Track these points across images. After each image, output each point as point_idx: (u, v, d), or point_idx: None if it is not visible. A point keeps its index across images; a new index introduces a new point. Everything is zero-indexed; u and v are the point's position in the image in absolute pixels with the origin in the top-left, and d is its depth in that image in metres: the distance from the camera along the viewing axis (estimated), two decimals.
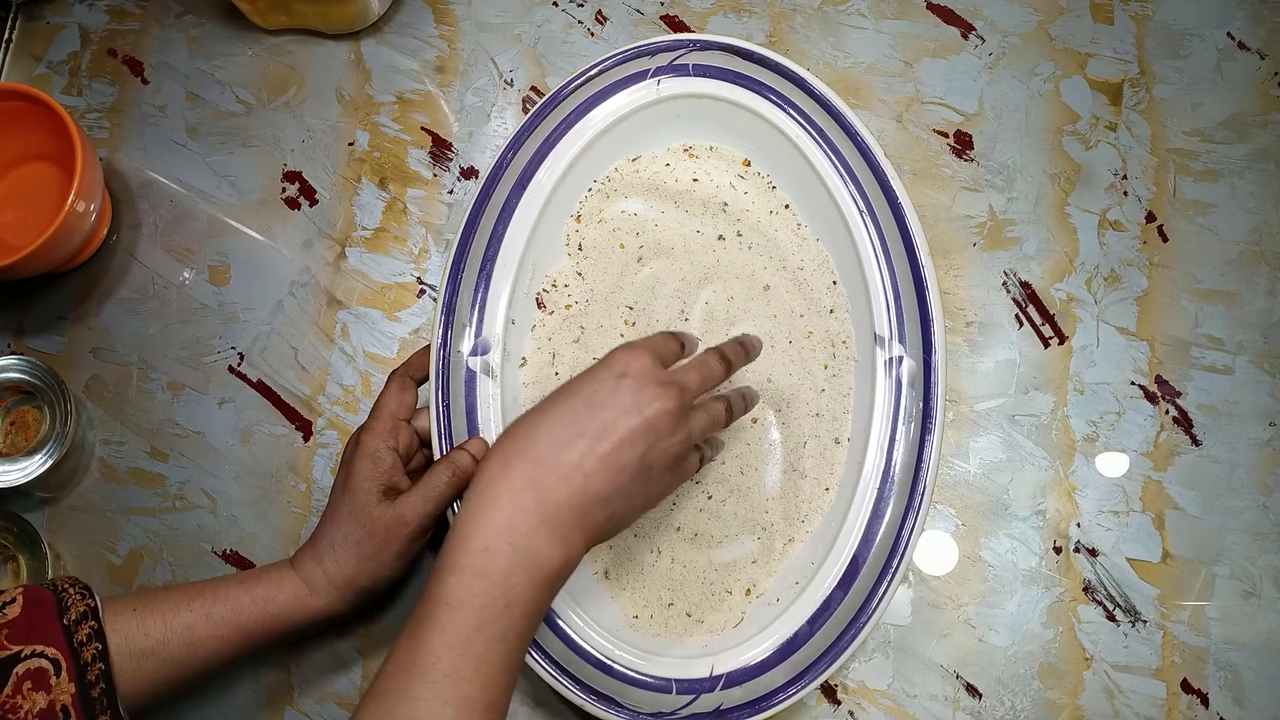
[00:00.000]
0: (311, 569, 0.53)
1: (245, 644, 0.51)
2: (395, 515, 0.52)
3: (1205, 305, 0.65)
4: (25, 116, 0.62)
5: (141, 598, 0.50)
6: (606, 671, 0.57)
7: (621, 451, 0.45)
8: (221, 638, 0.50)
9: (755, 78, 0.63)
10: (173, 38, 0.70)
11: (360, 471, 0.53)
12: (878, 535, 0.58)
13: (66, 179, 0.60)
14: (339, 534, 0.53)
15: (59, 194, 0.64)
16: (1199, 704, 0.60)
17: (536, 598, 0.44)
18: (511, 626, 0.43)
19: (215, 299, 0.66)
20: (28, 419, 0.63)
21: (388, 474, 0.53)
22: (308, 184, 0.68)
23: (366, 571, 0.52)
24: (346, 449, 0.55)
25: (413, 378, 0.57)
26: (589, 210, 0.64)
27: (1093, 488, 0.63)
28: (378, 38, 0.69)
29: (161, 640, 0.49)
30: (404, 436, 0.55)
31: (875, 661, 0.61)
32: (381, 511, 0.52)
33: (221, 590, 0.51)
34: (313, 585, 0.53)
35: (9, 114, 0.63)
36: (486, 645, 0.42)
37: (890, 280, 0.60)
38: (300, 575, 0.53)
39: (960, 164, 0.67)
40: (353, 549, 0.52)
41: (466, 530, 0.44)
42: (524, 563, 0.43)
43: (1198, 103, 0.67)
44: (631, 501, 0.47)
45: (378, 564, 0.52)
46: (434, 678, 0.41)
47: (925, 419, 0.58)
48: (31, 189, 0.66)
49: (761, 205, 0.64)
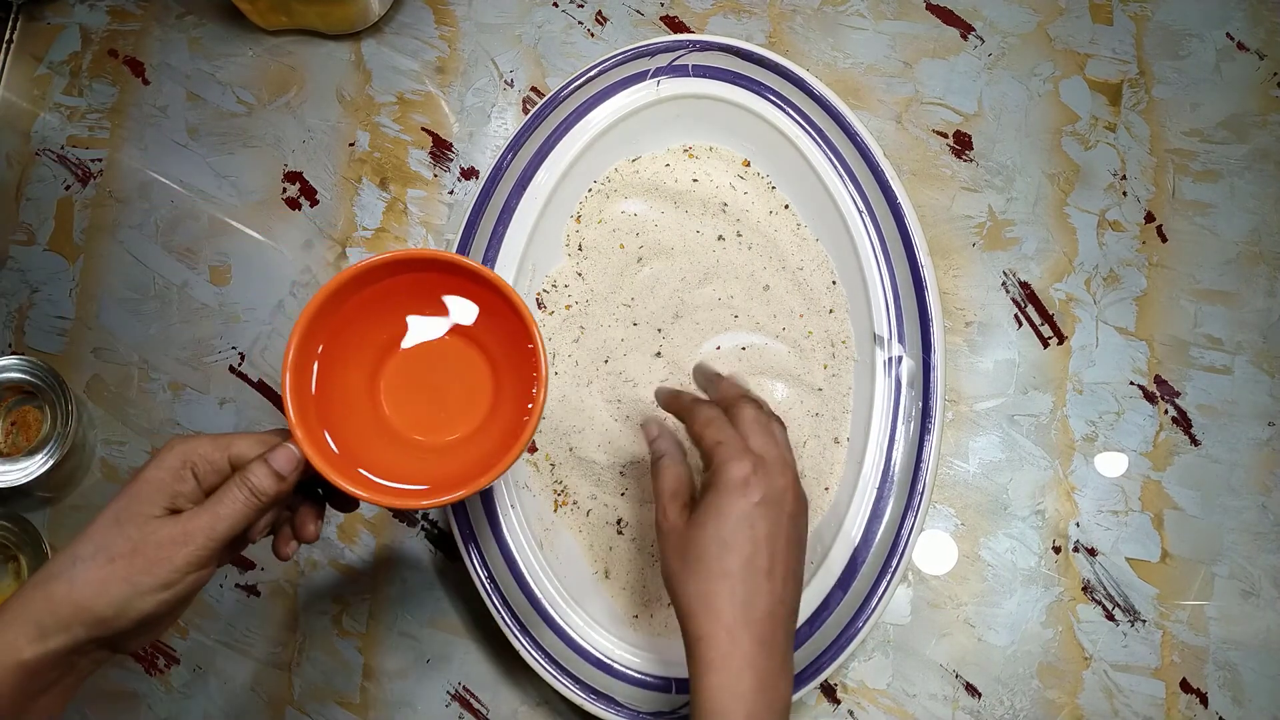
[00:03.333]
0: (28, 602, 0.40)
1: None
2: (177, 530, 0.42)
3: (1204, 305, 0.65)
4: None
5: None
6: (606, 671, 0.57)
7: (791, 554, 0.47)
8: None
9: (755, 78, 0.63)
10: (173, 38, 0.70)
11: (151, 479, 0.43)
12: (877, 535, 0.58)
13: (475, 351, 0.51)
14: (90, 547, 0.41)
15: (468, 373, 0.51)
16: (1198, 703, 0.60)
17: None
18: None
19: (216, 299, 0.66)
20: (29, 419, 0.63)
21: (183, 493, 0.43)
22: (308, 184, 0.68)
23: (112, 597, 0.40)
24: (148, 460, 0.45)
25: (279, 474, 0.44)
26: (589, 210, 0.64)
27: (1092, 487, 0.63)
28: (378, 38, 0.69)
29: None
30: (215, 478, 0.44)
31: (875, 661, 0.61)
32: (159, 525, 0.42)
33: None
34: (23, 624, 0.40)
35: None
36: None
37: (890, 280, 0.61)
38: (4, 615, 0.40)
39: (960, 164, 0.67)
40: (103, 566, 0.40)
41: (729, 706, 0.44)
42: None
43: (1197, 103, 0.67)
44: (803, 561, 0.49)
45: (131, 589, 0.40)
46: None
47: (924, 419, 0.59)
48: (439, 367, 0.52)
49: (761, 205, 0.64)
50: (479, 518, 0.59)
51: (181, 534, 0.42)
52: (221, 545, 0.43)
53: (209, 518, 0.42)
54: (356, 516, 0.63)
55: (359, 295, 0.48)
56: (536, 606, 0.58)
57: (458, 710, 0.61)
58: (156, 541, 0.41)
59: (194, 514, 0.42)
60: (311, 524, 0.47)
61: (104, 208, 0.68)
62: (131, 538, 0.41)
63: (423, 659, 0.61)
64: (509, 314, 0.47)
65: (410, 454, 0.49)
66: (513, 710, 0.61)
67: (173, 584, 0.41)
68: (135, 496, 0.42)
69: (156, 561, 0.41)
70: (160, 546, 0.41)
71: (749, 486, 0.46)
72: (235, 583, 0.63)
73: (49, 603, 0.40)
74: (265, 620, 0.62)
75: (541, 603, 0.58)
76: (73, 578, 0.40)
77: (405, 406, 0.50)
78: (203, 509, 0.43)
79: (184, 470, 0.43)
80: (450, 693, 0.61)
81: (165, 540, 0.41)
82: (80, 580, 0.40)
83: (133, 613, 0.41)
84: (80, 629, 0.40)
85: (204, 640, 0.62)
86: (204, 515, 0.42)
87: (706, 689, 0.43)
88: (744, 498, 0.46)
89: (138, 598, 0.41)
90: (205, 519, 0.42)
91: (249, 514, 0.43)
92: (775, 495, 0.46)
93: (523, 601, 0.58)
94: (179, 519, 0.42)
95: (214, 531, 0.42)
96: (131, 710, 0.61)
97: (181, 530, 0.42)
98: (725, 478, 0.46)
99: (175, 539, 0.41)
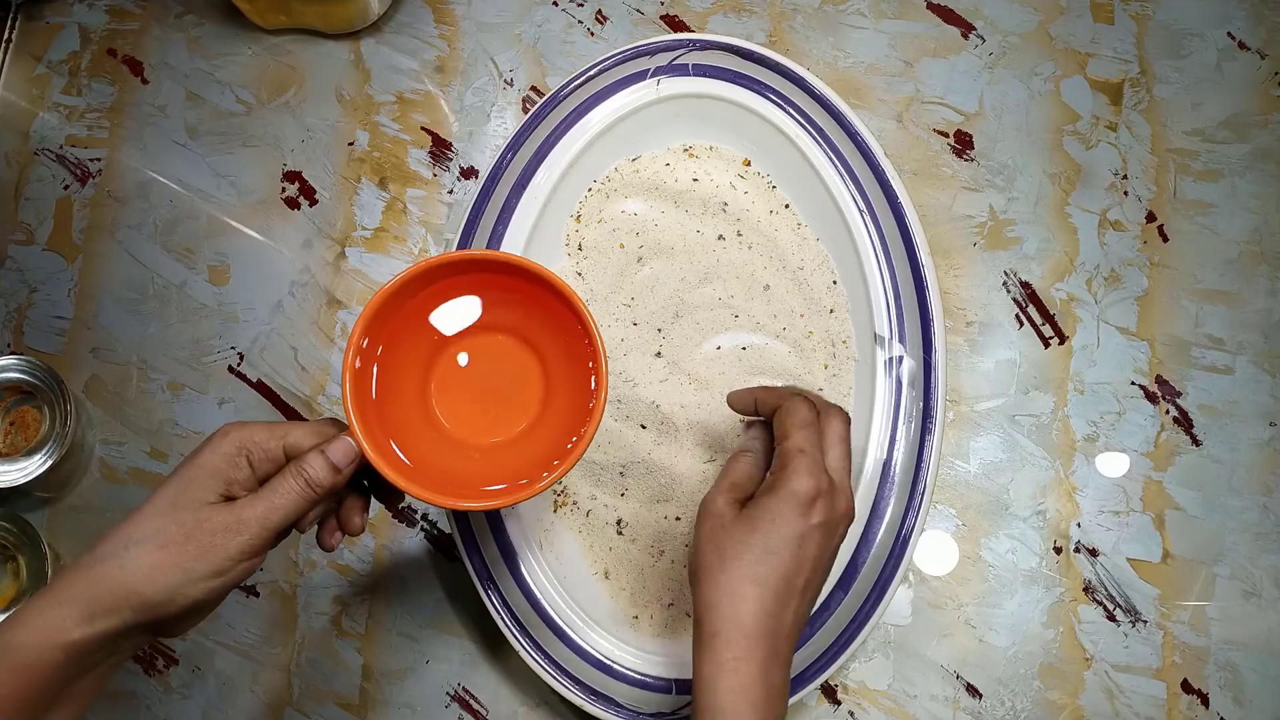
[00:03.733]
0: (77, 583, 0.40)
1: (20, 716, 0.39)
2: (232, 519, 0.42)
3: (1205, 305, 0.65)
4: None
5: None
6: (606, 671, 0.57)
7: (825, 576, 0.47)
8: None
9: (755, 77, 0.63)
10: (173, 37, 0.70)
11: (206, 465, 0.43)
12: (878, 535, 0.58)
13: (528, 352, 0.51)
14: (143, 530, 0.41)
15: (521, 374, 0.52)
16: (1199, 704, 0.60)
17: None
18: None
19: (215, 299, 0.66)
20: (28, 419, 0.63)
21: (238, 480, 0.43)
22: (308, 184, 0.68)
23: (164, 583, 0.40)
24: (202, 443, 0.45)
25: (335, 466, 0.44)
26: (589, 210, 0.64)
27: (1093, 488, 0.63)
28: (378, 37, 0.69)
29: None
30: (270, 466, 0.45)
31: (875, 661, 0.61)
32: (213, 512, 0.42)
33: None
34: (72, 605, 0.39)
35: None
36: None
37: (890, 280, 0.60)
38: (53, 596, 0.40)
39: (960, 164, 0.67)
40: (156, 551, 0.40)
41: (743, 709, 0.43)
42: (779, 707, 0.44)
43: (1198, 102, 0.67)
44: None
45: (184, 576, 0.40)
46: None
47: (925, 419, 0.58)
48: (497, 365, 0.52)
49: (761, 205, 0.64)
50: (479, 518, 0.59)
51: (237, 522, 0.42)
52: (274, 535, 0.43)
53: (264, 507, 0.42)
54: None
55: (416, 296, 0.48)
56: (536, 607, 0.58)
57: (457, 711, 0.61)
58: (211, 528, 0.41)
59: (249, 502, 0.42)
60: (357, 516, 0.47)
61: (103, 207, 0.68)
62: (186, 524, 0.41)
63: (422, 659, 0.61)
64: (563, 311, 0.47)
65: (460, 453, 0.50)
66: (512, 711, 0.61)
67: (225, 571, 0.42)
68: (190, 482, 0.42)
69: (210, 548, 0.41)
70: (215, 534, 0.41)
71: (814, 507, 0.45)
72: None
73: (99, 585, 0.40)
74: (264, 621, 0.62)
75: (541, 603, 0.58)
76: (124, 561, 0.40)
77: (455, 407, 0.51)
78: (258, 498, 0.43)
79: (239, 457, 0.43)
80: (450, 693, 0.61)
81: (220, 527, 0.41)
82: (132, 564, 0.40)
83: (183, 599, 0.41)
84: (129, 613, 0.40)
85: (203, 640, 0.62)
86: (259, 504, 0.42)
87: (721, 691, 0.43)
88: (804, 517, 0.45)
89: (189, 584, 0.41)
90: (260, 508, 0.42)
91: (303, 505, 0.43)
92: (834, 521, 0.46)
93: (522, 602, 0.58)
94: (234, 507, 0.42)
95: (268, 521, 0.42)
96: (130, 710, 0.61)
97: (236, 518, 0.42)
98: (794, 488, 0.45)
99: (230, 527, 0.41)
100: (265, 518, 0.42)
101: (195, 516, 0.41)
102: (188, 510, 0.41)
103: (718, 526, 0.46)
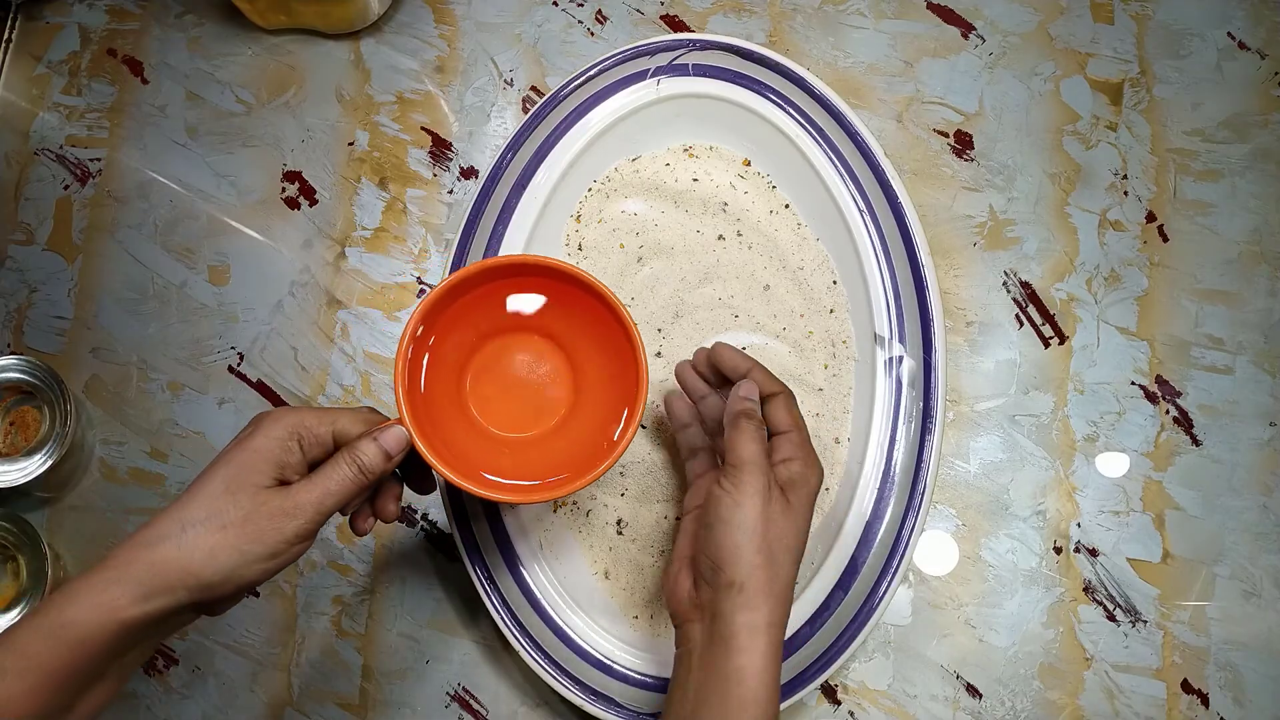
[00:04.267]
0: (133, 561, 0.41)
1: (66, 691, 0.40)
2: (289, 503, 0.43)
3: (1205, 305, 0.65)
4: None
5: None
6: (606, 672, 0.57)
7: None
8: (28, 691, 0.38)
9: (755, 77, 0.63)
10: (173, 37, 0.70)
11: (260, 449, 0.43)
12: (878, 535, 0.58)
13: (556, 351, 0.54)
14: (200, 513, 0.42)
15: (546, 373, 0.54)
16: (1199, 704, 0.60)
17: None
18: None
19: (215, 299, 0.66)
20: (27, 419, 0.63)
21: (290, 465, 0.44)
22: (307, 184, 0.67)
23: (221, 564, 0.41)
24: (254, 418, 0.46)
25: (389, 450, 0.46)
26: (589, 210, 0.64)
27: (1093, 488, 0.63)
28: (377, 37, 0.69)
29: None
30: (319, 451, 0.46)
31: (875, 661, 0.61)
32: (270, 496, 0.43)
33: (8, 637, 0.39)
34: (128, 583, 0.40)
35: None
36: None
37: (890, 280, 0.60)
38: (108, 574, 0.40)
39: (960, 164, 0.67)
40: (214, 533, 0.41)
41: (766, 668, 0.45)
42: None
43: (1198, 102, 0.67)
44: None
45: (240, 558, 0.42)
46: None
47: (925, 419, 0.59)
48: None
49: (761, 205, 0.64)
50: (478, 518, 0.59)
51: (294, 506, 0.43)
52: (326, 518, 0.44)
53: (319, 492, 0.44)
54: None
55: (464, 297, 0.51)
56: (536, 607, 0.58)
57: (457, 711, 0.61)
58: (268, 512, 0.42)
59: (303, 487, 0.44)
60: (392, 503, 0.49)
61: (103, 207, 0.68)
62: (244, 507, 0.42)
63: (422, 659, 0.61)
64: (602, 313, 0.50)
65: (493, 448, 0.52)
66: (512, 711, 0.61)
67: (279, 554, 0.43)
68: (244, 466, 0.43)
69: (268, 531, 0.42)
70: (272, 517, 0.42)
71: (810, 486, 0.49)
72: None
73: (155, 565, 0.41)
74: (264, 621, 0.62)
75: (541, 603, 0.58)
76: (182, 543, 0.41)
77: (487, 403, 0.53)
78: (312, 483, 0.44)
79: (291, 441, 0.44)
80: (449, 693, 0.61)
81: (277, 511, 0.42)
82: (190, 546, 0.41)
83: (238, 579, 0.42)
84: (184, 592, 0.41)
85: (203, 641, 0.62)
86: (314, 489, 0.44)
87: (743, 672, 0.45)
88: (805, 499, 0.49)
89: (245, 566, 0.42)
90: (316, 493, 0.44)
91: (355, 490, 0.45)
92: (816, 494, 0.50)
93: (522, 602, 0.58)
94: (289, 491, 0.43)
95: (323, 505, 0.44)
96: (130, 710, 0.61)
97: (294, 503, 0.43)
98: (798, 474, 0.49)
99: (287, 511, 0.43)
100: (320, 502, 0.43)
101: (252, 500, 0.42)
102: (244, 494, 0.42)
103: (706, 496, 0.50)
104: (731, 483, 0.48)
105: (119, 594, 0.40)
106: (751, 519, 0.46)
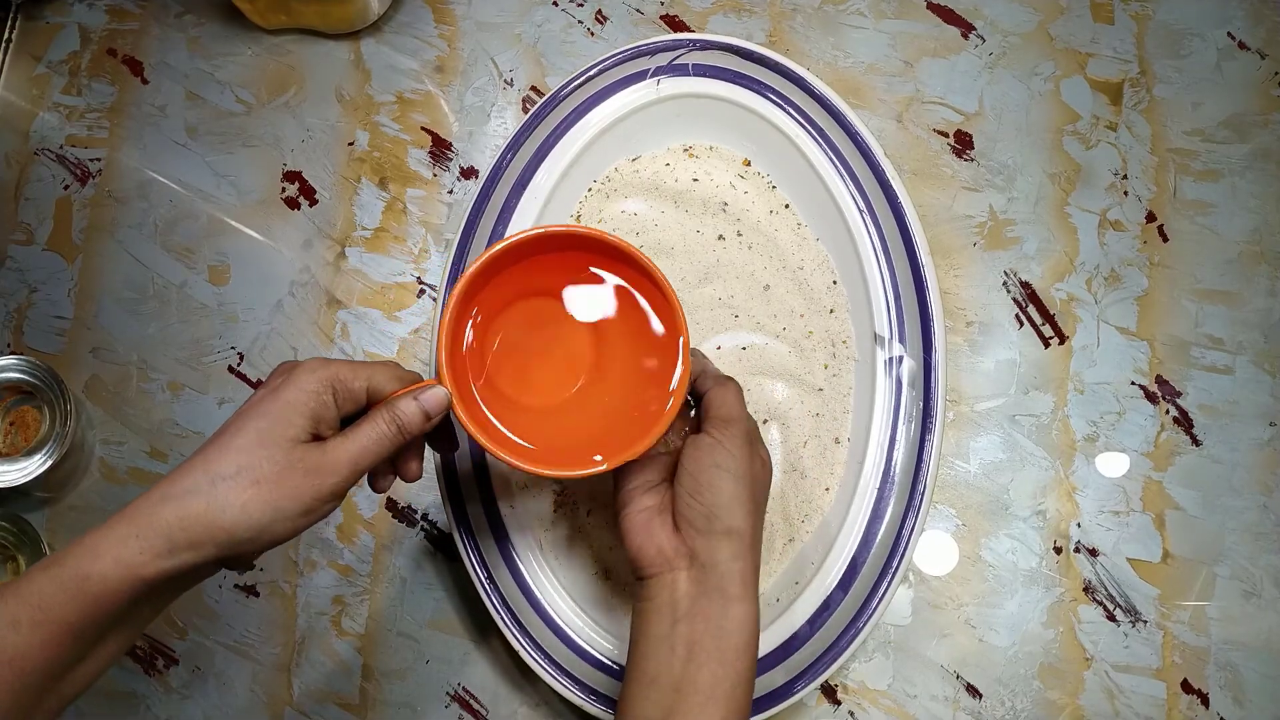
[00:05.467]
0: (159, 515, 0.39)
1: (82, 643, 0.39)
2: (326, 459, 0.41)
3: (1205, 305, 0.65)
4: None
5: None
6: (607, 672, 0.57)
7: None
8: (44, 642, 0.37)
9: (755, 77, 0.63)
10: (173, 37, 0.70)
11: (293, 401, 0.41)
12: (878, 535, 0.58)
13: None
14: (231, 466, 0.39)
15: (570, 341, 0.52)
16: (1199, 704, 0.60)
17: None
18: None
19: (215, 299, 0.66)
20: (27, 419, 0.63)
21: (325, 418, 0.42)
22: (307, 184, 0.68)
23: (254, 520, 0.39)
24: (281, 368, 0.44)
25: (430, 410, 0.45)
26: (589, 210, 0.64)
27: (1093, 488, 0.63)
28: (378, 37, 0.69)
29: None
30: (351, 405, 0.44)
31: (875, 661, 0.61)
32: (305, 451, 0.41)
33: (25, 587, 0.38)
34: (152, 538, 0.38)
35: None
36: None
37: (890, 280, 0.60)
38: (131, 527, 0.39)
39: (960, 164, 0.67)
40: (247, 488, 0.39)
41: (756, 617, 0.45)
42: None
43: (1198, 102, 0.67)
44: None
45: (274, 514, 0.40)
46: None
47: (925, 419, 0.59)
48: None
49: (761, 205, 0.64)
50: (478, 518, 0.59)
51: (331, 463, 0.41)
52: (360, 476, 0.43)
53: (356, 449, 0.42)
54: (356, 516, 0.63)
55: (510, 269, 0.49)
56: (536, 607, 0.58)
57: (457, 711, 0.61)
58: (305, 468, 0.40)
59: (340, 443, 0.42)
60: (415, 462, 0.47)
61: (103, 207, 0.68)
62: (278, 461, 0.40)
63: (422, 659, 0.61)
64: (645, 286, 0.50)
65: (526, 416, 0.50)
66: (512, 711, 0.61)
67: (313, 511, 0.41)
68: (278, 419, 0.41)
69: (304, 488, 0.40)
70: (308, 474, 0.40)
71: (742, 438, 0.48)
72: (234, 583, 0.63)
73: (184, 519, 0.39)
74: (264, 621, 0.62)
75: (541, 603, 0.58)
76: (212, 497, 0.39)
77: (518, 372, 0.51)
78: (348, 439, 0.42)
79: (326, 395, 0.42)
80: (450, 693, 0.61)
81: (314, 467, 0.40)
82: (221, 500, 0.39)
83: (269, 536, 0.40)
84: (211, 548, 0.39)
85: (203, 641, 0.62)
86: (351, 446, 0.42)
87: (741, 620, 0.44)
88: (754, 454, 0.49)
89: (278, 522, 0.40)
90: (354, 449, 0.42)
91: (390, 449, 0.43)
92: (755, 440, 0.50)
93: (522, 602, 0.58)
94: (325, 447, 0.41)
95: (359, 463, 0.42)
96: (130, 710, 0.61)
97: (331, 459, 0.41)
98: (742, 429, 0.48)
99: (324, 467, 0.41)
100: (356, 460, 0.42)
101: (287, 455, 0.40)
102: (279, 448, 0.40)
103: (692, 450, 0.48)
104: (722, 433, 0.46)
105: (142, 549, 0.38)
106: (744, 467, 0.46)
